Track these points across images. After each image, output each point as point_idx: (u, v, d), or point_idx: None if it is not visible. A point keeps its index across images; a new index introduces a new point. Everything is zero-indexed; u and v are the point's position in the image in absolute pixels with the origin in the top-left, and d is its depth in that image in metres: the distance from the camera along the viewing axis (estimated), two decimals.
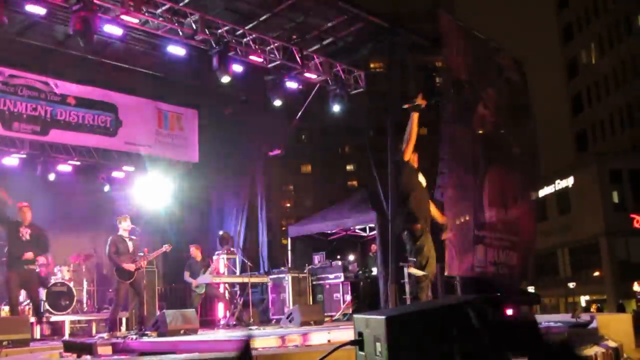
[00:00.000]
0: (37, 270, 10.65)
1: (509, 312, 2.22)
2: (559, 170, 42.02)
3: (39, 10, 10.24)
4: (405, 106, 7.89)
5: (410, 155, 7.85)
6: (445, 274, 8.92)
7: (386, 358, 2.13)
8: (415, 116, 7.66)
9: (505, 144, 10.15)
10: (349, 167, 62.41)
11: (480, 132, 9.63)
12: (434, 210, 8.09)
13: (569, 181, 39.85)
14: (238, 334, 9.61)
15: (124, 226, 10.63)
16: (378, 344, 2.25)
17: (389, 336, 2.13)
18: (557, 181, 40.49)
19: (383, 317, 2.18)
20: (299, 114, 15.17)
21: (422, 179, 8.02)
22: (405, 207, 7.77)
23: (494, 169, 9.56)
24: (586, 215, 37.48)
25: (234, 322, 12.59)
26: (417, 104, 7.61)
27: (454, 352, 2.07)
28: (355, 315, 2.79)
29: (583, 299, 40.34)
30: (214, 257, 13.87)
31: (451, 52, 9.24)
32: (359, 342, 2.60)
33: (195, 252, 13.16)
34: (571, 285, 39.17)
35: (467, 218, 8.99)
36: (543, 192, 40.58)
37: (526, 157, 10.86)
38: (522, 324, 2.14)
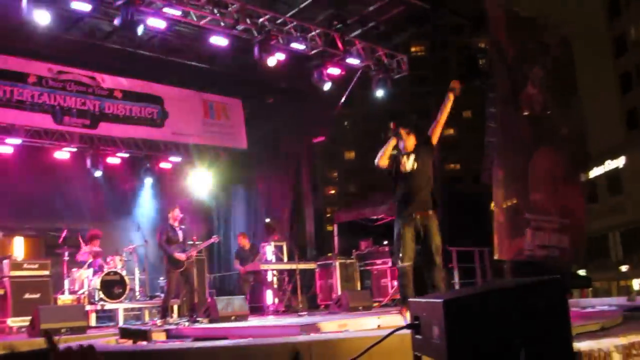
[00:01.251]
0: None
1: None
2: (609, 150, 41.11)
3: (85, 7, 10.38)
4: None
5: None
6: (495, 257, 8.84)
7: (444, 342, 2.14)
8: (450, 97, 7.38)
9: (553, 124, 9.99)
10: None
11: (528, 113, 9.48)
12: None
13: (620, 161, 38.89)
14: (287, 320, 9.69)
15: (174, 216, 10.77)
16: (435, 328, 2.26)
17: (447, 320, 2.13)
18: (607, 162, 39.57)
19: (441, 300, 2.18)
20: (342, 100, 15.16)
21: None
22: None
23: (542, 151, 9.43)
24: (638, 196, 36.60)
25: (283, 309, 12.69)
26: (452, 87, 7.33)
27: (513, 336, 2.07)
28: (410, 299, 2.80)
29: (636, 282, 39.53)
30: (262, 245, 13.99)
31: (496, 31, 9.12)
32: (415, 326, 2.61)
33: (243, 241, 13.29)
34: (623, 268, 38.37)
35: (516, 201, 8.89)
36: (593, 173, 39.74)
37: (574, 137, 10.67)
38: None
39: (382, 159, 7.35)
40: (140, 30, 10.52)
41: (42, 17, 9.99)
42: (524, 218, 8.91)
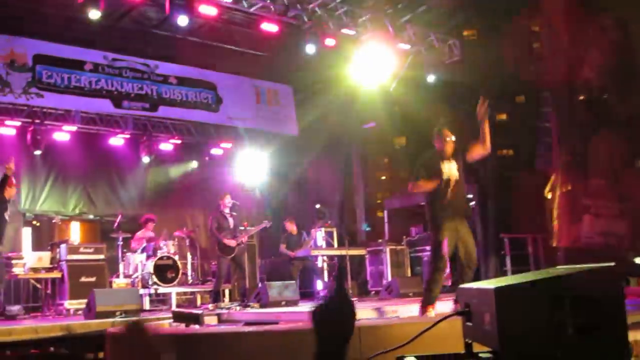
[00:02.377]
0: None
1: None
2: None
3: None
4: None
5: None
6: (553, 244, 8.70)
7: (495, 329, 2.11)
8: (483, 122, 7.16)
9: (611, 109, 9.73)
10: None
11: (586, 97, 9.26)
12: None
13: None
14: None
15: (225, 203, 10.89)
16: (486, 315, 2.23)
17: (499, 307, 2.10)
18: None
19: (492, 287, 2.16)
20: (393, 85, 15.03)
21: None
22: None
23: (601, 135, 9.20)
24: None
25: None
26: (480, 114, 7.11)
27: (566, 324, 2.03)
28: (461, 286, 2.77)
29: None
30: (312, 230, 14.03)
31: (551, 14, 8.92)
32: (465, 313, 2.59)
33: (291, 226, 13.35)
34: None
35: (575, 186, 8.72)
36: None
37: (634, 121, 10.38)
38: None
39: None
40: (184, 21, 10.61)
41: (93, 14, 10.18)
42: (582, 204, 8.74)
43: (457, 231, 6.89)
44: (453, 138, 7.35)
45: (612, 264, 2.09)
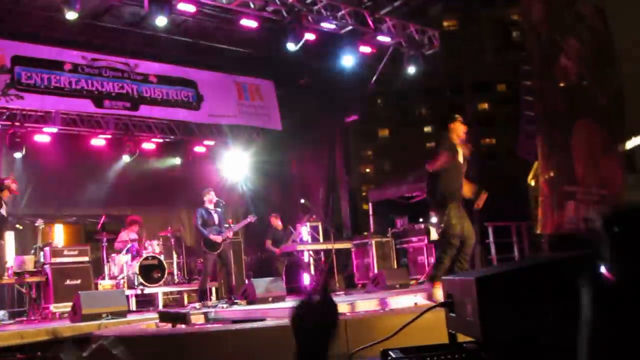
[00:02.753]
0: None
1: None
2: None
3: None
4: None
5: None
6: (537, 232, 8.76)
7: (477, 320, 2.11)
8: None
9: (590, 95, 9.78)
10: (427, 129, 61.57)
11: (564, 84, 9.30)
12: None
13: None
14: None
15: (209, 198, 10.88)
16: (468, 306, 2.23)
17: (480, 297, 2.10)
18: None
19: (472, 277, 2.16)
20: (374, 78, 15.06)
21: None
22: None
23: (580, 122, 9.25)
24: None
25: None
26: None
27: (547, 313, 2.04)
28: (444, 277, 2.77)
29: None
30: (297, 225, 14.04)
31: (528, 2, 8.94)
32: (448, 304, 2.59)
33: (276, 222, 13.36)
34: None
35: (556, 173, 8.76)
36: (631, 144, 38.96)
37: (613, 107, 10.44)
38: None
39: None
40: (162, 21, 10.56)
41: (70, 15, 10.12)
42: (564, 191, 8.78)
43: (462, 213, 7.62)
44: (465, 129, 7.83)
45: (591, 250, 2.09)
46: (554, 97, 9.06)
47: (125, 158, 14.32)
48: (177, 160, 15.73)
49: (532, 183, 11.20)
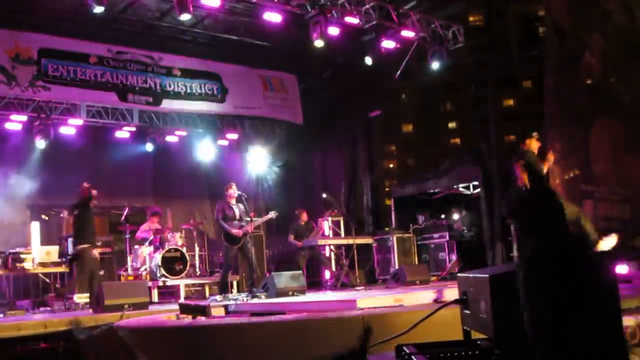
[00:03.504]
0: None
1: (621, 269, 2.14)
2: None
3: None
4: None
5: None
6: None
7: (491, 317, 2.11)
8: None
9: (615, 93, 9.68)
10: (451, 125, 61.15)
11: (588, 82, 9.21)
12: None
13: None
14: (345, 294, 9.74)
15: (231, 193, 10.91)
16: (482, 303, 2.24)
17: (493, 295, 2.11)
18: None
19: (486, 275, 2.16)
20: (398, 73, 15.00)
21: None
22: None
23: (603, 120, 9.16)
24: None
25: (340, 284, 12.76)
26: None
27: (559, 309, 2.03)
28: (459, 275, 2.78)
29: None
30: (319, 220, 14.05)
31: None
32: (463, 301, 2.59)
33: (302, 215, 13.37)
34: None
35: (576, 172, 8.71)
36: None
37: (637, 106, 10.32)
38: None
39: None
40: (186, 17, 10.60)
41: (97, 9, 10.16)
42: (582, 190, 8.72)
43: None
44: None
45: (606, 250, 2.08)
46: (575, 94, 8.98)
47: (149, 150, 14.42)
48: (200, 154, 15.80)
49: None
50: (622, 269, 5.20)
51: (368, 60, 13.20)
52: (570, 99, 8.85)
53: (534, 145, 8.23)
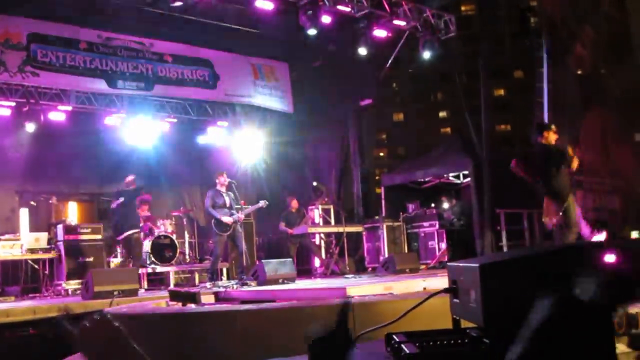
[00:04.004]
0: None
1: (609, 258, 2.16)
2: None
3: None
4: None
5: None
6: (543, 220, 8.77)
7: (480, 306, 2.13)
8: None
9: (605, 84, 9.72)
10: (442, 114, 61.26)
11: (579, 72, 9.24)
12: None
13: None
14: (335, 282, 9.77)
15: (221, 181, 10.90)
16: (472, 292, 2.25)
17: (483, 284, 2.12)
18: None
19: (477, 264, 2.17)
20: (389, 62, 15.00)
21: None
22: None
23: (593, 111, 9.21)
24: None
25: (330, 272, 12.79)
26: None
27: (550, 301, 2.05)
28: (449, 264, 2.79)
29: None
30: (309, 208, 14.06)
31: None
32: (453, 290, 2.61)
33: (292, 203, 13.37)
34: None
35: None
36: None
37: (628, 97, 10.36)
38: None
39: None
40: (177, 3, 10.56)
41: None
42: (573, 180, 8.76)
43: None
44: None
45: (598, 240, 2.10)
46: (567, 85, 9.01)
47: (139, 137, 14.36)
48: (190, 141, 15.75)
49: None
50: (610, 258, 5.23)
51: (362, 51, 13.18)
52: (561, 90, 8.87)
53: (552, 137, 8.18)
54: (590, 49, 9.31)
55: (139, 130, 14.31)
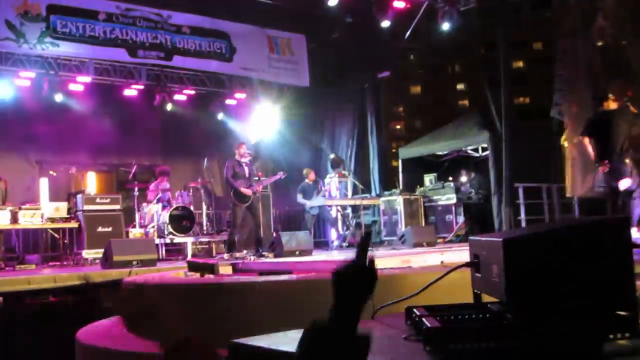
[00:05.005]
0: None
1: (634, 234, 2.14)
2: None
3: None
4: None
5: None
6: (567, 194, 8.72)
7: (503, 281, 2.12)
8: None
9: (627, 56, 9.56)
10: (460, 87, 60.78)
11: (599, 45, 9.09)
12: None
13: None
14: (352, 255, 9.79)
15: (241, 152, 10.91)
16: (495, 267, 2.24)
17: (507, 259, 2.11)
18: None
19: (500, 239, 2.16)
20: (407, 33, 14.86)
21: None
22: None
23: (615, 84, 9.06)
24: None
25: (347, 244, 12.82)
26: None
27: (574, 276, 2.04)
28: (471, 237, 2.78)
29: None
30: (326, 181, 14.07)
31: None
32: (474, 265, 2.60)
33: (310, 176, 13.38)
34: None
35: (580, 138, 8.65)
36: None
37: None
38: None
39: None
40: None
41: None
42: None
43: None
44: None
45: (622, 215, 2.09)
46: (589, 57, 8.87)
47: (157, 109, 14.39)
48: (208, 113, 15.77)
49: (566, 144, 11.06)
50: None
51: (385, 23, 13.06)
52: (583, 62, 8.74)
53: (612, 105, 8.00)
54: (611, 20, 9.15)
55: (156, 101, 14.34)
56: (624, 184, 7.67)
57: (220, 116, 15.86)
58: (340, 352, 1.49)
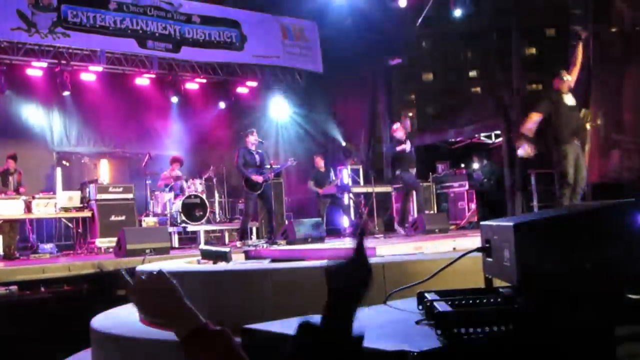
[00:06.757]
0: None
1: None
2: None
3: None
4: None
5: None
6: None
7: (514, 265, 2.12)
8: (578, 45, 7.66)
9: None
10: (472, 74, 60.31)
11: (618, 29, 9.00)
12: None
13: None
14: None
15: (251, 140, 10.90)
16: (506, 251, 2.24)
17: (518, 243, 2.11)
18: None
19: (511, 223, 2.16)
20: (419, 20, 14.79)
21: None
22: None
23: (634, 69, 8.97)
24: None
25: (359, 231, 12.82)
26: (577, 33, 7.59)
27: (585, 261, 2.04)
28: (482, 222, 2.78)
29: None
30: (339, 168, 14.06)
31: None
32: (486, 249, 2.60)
33: (320, 162, 13.38)
34: None
35: (603, 121, 8.59)
36: None
37: None
38: None
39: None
40: None
41: None
42: (612, 139, 8.59)
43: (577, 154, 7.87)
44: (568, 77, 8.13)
45: (632, 199, 2.08)
46: (607, 42, 8.78)
47: (169, 98, 14.42)
48: (220, 101, 15.78)
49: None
50: None
51: (402, 2, 13.02)
52: (601, 47, 8.65)
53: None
54: (629, 4, 9.05)
55: (168, 90, 14.37)
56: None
57: (232, 104, 15.86)
58: (332, 353, 1.47)
